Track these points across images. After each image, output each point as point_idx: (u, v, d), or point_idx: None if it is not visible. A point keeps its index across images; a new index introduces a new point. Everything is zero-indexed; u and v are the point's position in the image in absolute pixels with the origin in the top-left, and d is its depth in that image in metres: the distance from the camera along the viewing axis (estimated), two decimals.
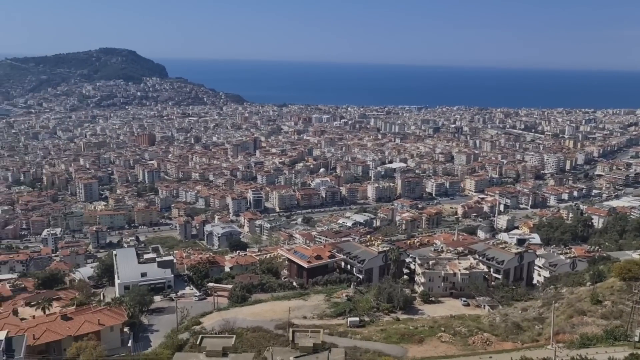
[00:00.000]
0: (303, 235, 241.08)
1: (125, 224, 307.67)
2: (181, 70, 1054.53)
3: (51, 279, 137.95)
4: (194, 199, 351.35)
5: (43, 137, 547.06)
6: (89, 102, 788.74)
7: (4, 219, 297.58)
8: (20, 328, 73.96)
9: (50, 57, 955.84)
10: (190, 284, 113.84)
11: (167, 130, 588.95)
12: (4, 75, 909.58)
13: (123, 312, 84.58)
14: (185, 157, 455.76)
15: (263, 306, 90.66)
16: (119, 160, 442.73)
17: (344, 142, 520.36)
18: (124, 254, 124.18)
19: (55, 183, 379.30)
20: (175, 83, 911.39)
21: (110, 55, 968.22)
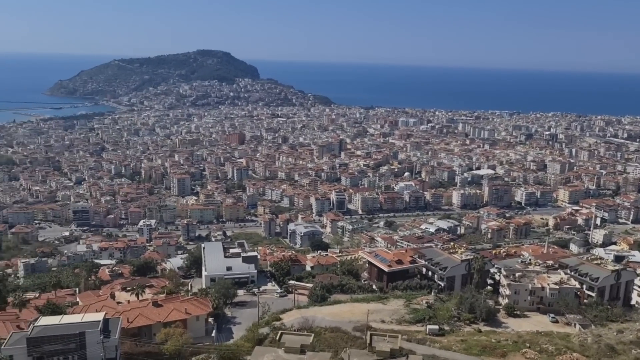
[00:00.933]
0: (384, 239, 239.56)
1: (214, 219, 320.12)
2: (272, 72, 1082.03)
3: (145, 267, 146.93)
4: (279, 197, 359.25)
5: (143, 133, 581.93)
6: (185, 101, 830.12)
7: (106, 209, 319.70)
8: (116, 311, 79.32)
9: (153, 58, 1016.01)
10: (272, 281, 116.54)
11: (256, 129, 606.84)
12: (112, 75, 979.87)
13: (208, 303, 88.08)
14: (273, 156, 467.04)
15: (342, 307, 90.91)
16: (210, 158, 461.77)
17: (430, 146, 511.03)
18: (212, 248, 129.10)
19: (152, 177, 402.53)
20: (266, 84, 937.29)
21: (207, 57, 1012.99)
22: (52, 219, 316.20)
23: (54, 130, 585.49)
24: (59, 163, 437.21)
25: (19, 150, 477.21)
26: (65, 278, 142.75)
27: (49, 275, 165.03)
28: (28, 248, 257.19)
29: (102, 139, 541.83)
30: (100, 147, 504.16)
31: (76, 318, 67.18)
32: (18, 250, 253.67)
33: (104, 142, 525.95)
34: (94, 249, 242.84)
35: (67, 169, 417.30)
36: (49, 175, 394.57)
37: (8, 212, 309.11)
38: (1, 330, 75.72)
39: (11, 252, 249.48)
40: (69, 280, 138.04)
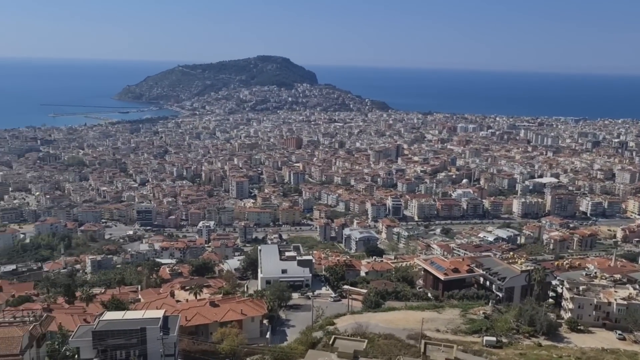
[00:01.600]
0: (441, 247, 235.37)
1: (270, 222, 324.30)
2: (330, 77, 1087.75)
3: (203, 268, 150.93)
4: (335, 202, 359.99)
5: (204, 137, 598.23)
6: (245, 106, 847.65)
7: (167, 210, 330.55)
8: (175, 309, 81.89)
9: (215, 64, 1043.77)
10: (326, 285, 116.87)
11: (313, 134, 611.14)
12: (176, 81, 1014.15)
13: (264, 304, 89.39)
14: (329, 161, 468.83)
15: (396, 314, 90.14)
16: (268, 161, 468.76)
17: (490, 153, 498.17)
18: (268, 250, 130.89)
19: (211, 179, 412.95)
20: (324, 89, 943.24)
21: (267, 63, 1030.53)
22: (117, 218, 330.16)
23: (121, 133, 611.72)
24: (125, 165, 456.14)
25: (89, 152, 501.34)
26: (128, 275, 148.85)
27: (113, 272, 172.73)
28: (95, 245, 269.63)
29: (166, 142, 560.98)
30: (163, 150, 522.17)
31: (138, 314, 69.93)
32: (86, 247, 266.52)
33: (167, 145, 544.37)
34: (156, 248, 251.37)
35: (133, 170, 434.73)
36: (115, 177, 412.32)
37: (78, 211, 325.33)
38: (69, 322, 79.71)
39: (80, 248, 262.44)
40: (132, 278, 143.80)
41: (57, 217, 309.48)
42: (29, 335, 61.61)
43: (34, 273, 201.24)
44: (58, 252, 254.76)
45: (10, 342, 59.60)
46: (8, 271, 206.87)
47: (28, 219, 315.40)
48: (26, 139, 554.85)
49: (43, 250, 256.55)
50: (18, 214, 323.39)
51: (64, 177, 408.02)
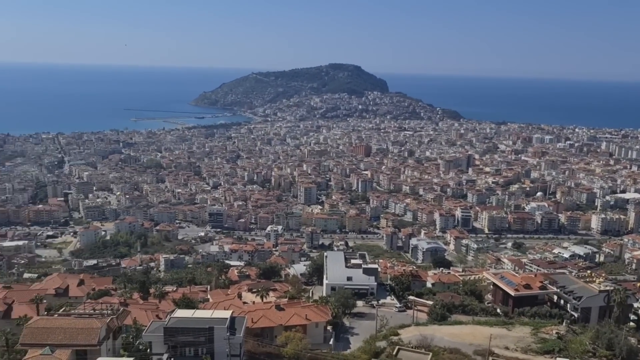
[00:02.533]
0: (512, 261, 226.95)
1: (337, 229, 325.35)
2: (401, 85, 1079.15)
3: (270, 271, 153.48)
4: (402, 211, 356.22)
5: (275, 143, 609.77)
6: (315, 113, 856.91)
7: (238, 213, 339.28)
8: (242, 310, 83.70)
9: (288, 71, 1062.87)
10: (391, 294, 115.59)
11: (382, 142, 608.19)
12: (249, 88, 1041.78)
13: (328, 311, 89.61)
14: (398, 169, 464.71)
15: (463, 328, 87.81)
16: (336, 168, 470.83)
17: (568, 165, 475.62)
18: (334, 257, 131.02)
19: (281, 185, 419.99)
20: (395, 97, 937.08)
21: (338, 71, 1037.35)
22: (190, 220, 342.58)
23: (197, 137, 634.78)
24: (199, 168, 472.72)
25: (166, 155, 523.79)
26: (199, 275, 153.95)
27: (185, 271, 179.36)
28: (169, 245, 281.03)
29: (238, 147, 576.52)
30: (236, 154, 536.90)
31: (207, 313, 72.13)
32: (160, 246, 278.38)
33: (239, 150, 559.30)
34: (225, 250, 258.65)
35: (206, 174, 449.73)
36: (190, 179, 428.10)
37: (154, 211, 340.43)
38: (143, 318, 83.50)
39: (155, 247, 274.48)
40: (202, 278, 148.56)
41: (135, 216, 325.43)
42: (107, 328, 65.08)
43: (113, 268, 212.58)
44: (135, 250, 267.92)
45: (89, 332, 63.23)
46: (90, 265, 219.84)
47: (109, 217, 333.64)
48: (110, 142, 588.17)
49: (121, 248, 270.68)
50: (100, 212, 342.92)
51: (143, 178, 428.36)
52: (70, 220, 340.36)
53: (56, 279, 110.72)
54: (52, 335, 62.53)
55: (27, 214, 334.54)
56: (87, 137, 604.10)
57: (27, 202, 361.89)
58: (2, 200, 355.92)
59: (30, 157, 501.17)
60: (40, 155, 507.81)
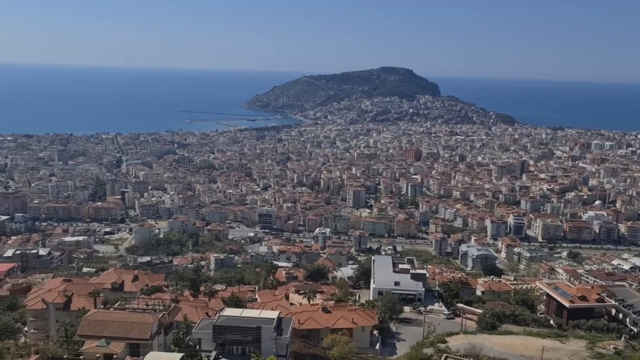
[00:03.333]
0: (567, 271, 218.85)
1: (385, 233, 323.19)
2: (453, 89, 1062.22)
3: (317, 273, 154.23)
4: (452, 216, 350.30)
5: (325, 146, 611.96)
6: (365, 117, 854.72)
7: (287, 214, 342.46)
8: (289, 311, 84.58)
9: (339, 75, 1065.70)
10: (439, 301, 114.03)
11: (433, 146, 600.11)
12: (301, 91, 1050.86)
13: (375, 315, 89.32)
14: (448, 174, 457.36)
15: (513, 339, 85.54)
16: (386, 172, 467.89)
17: (630, 173, 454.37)
18: (381, 261, 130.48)
19: (330, 187, 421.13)
20: (447, 101, 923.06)
21: (389, 74, 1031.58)
22: (240, 220, 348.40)
23: (248, 139, 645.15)
24: (250, 170, 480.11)
25: (219, 156, 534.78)
26: (247, 275, 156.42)
27: (234, 271, 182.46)
28: (219, 244, 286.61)
29: (288, 150, 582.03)
30: (286, 157, 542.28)
31: (254, 313, 73.41)
32: (211, 245, 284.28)
33: (289, 153, 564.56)
34: (274, 251, 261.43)
35: (257, 175, 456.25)
36: (241, 180, 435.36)
37: (206, 211, 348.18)
38: (193, 315, 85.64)
39: (206, 246, 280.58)
40: (251, 278, 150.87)
41: (188, 215, 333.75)
42: (159, 323, 67.21)
43: (165, 266, 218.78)
44: (187, 248, 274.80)
45: (142, 327, 65.47)
46: (144, 262, 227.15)
47: (163, 216, 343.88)
48: (165, 142, 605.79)
49: (174, 246, 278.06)
50: (155, 211, 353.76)
51: (196, 178, 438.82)
52: (126, 217, 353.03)
53: (112, 274, 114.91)
54: (108, 328, 65.12)
55: (87, 210, 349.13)
56: (144, 138, 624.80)
57: (87, 200, 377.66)
58: (65, 197, 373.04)
59: (91, 156, 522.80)
60: (100, 155, 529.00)
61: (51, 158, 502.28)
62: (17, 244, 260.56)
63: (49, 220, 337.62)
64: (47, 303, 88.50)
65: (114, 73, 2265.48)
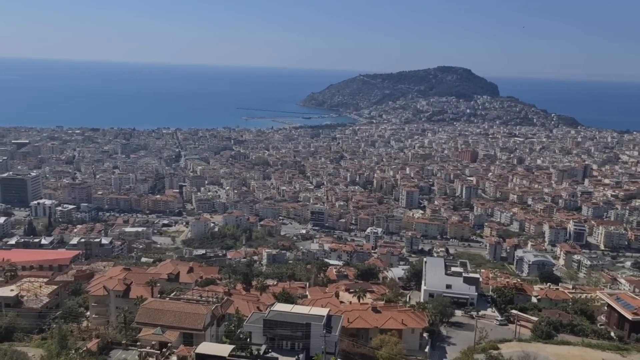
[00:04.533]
0: (631, 282, 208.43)
1: (438, 235, 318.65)
2: (513, 90, 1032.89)
3: (368, 273, 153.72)
4: (508, 220, 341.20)
5: (379, 145, 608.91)
6: (421, 117, 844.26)
7: (339, 213, 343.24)
8: (338, 309, 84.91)
9: (395, 74, 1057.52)
10: (492, 306, 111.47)
11: (490, 148, 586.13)
12: (356, 89, 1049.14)
13: (425, 317, 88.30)
14: (505, 177, 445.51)
15: (570, 349, 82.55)
16: (440, 173, 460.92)
17: None
18: (433, 263, 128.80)
19: (382, 187, 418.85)
20: (506, 102, 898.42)
21: (446, 74, 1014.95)
22: (293, 217, 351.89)
23: (303, 137, 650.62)
24: (304, 167, 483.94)
25: (273, 153, 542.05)
26: (298, 272, 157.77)
27: (285, 267, 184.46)
28: (272, 240, 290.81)
29: (342, 148, 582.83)
30: (339, 155, 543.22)
31: (304, 309, 74.04)
32: (264, 240, 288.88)
33: (343, 151, 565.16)
34: (325, 248, 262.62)
35: (310, 173, 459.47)
36: (294, 178, 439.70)
37: (260, 207, 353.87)
38: (245, 308, 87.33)
39: (258, 241, 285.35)
40: (302, 274, 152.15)
41: (242, 210, 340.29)
42: (212, 314, 69.11)
43: (219, 259, 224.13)
44: (240, 243, 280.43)
45: (196, 317, 67.51)
46: (199, 254, 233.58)
47: (218, 210, 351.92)
48: (222, 139, 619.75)
49: (228, 240, 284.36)
50: (210, 205, 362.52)
51: (250, 174, 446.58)
52: (183, 210, 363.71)
53: (169, 265, 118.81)
54: (164, 317, 67.54)
55: (146, 202, 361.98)
56: (202, 134, 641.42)
57: (147, 192, 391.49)
58: (127, 189, 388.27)
59: (152, 150, 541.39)
60: (160, 149, 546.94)
61: (115, 151, 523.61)
62: (82, 233, 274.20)
63: (111, 210, 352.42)
64: (108, 290, 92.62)
65: (175, 70, 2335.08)
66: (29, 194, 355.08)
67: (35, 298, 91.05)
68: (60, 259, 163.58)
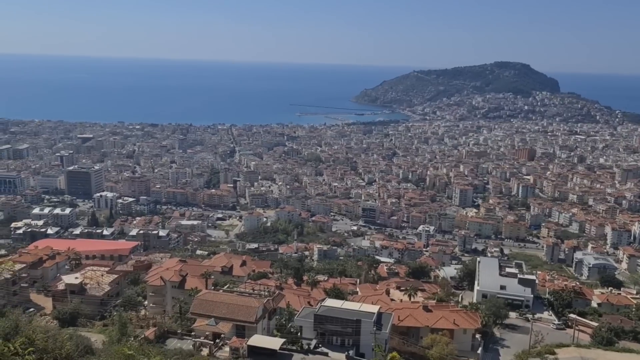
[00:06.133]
0: None
1: (492, 234, 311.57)
2: (575, 85, 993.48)
3: (419, 271, 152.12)
4: (567, 221, 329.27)
5: (432, 142, 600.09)
6: (476, 113, 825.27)
7: (390, 210, 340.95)
8: (389, 307, 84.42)
9: (449, 70, 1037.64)
10: (549, 310, 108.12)
11: (549, 146, 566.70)
12: (410, 86, 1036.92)
13: (478, 318, 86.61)
14: (565, 176, 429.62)
15: (633, 357, 78.91)
16: (495, 171, 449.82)
17: None
18: (487, 263, 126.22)
19: (435, 185, 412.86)
20: (566, 98, 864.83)
21: (504, 69, 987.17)
22: (344, 213, 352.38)
23: (355, 134, 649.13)
24: (356, 164, 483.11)
25: (326, 149, 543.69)
26: (349, 268, 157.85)
27: (336, 262, 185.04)
28: (323, 236, 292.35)
29: (395, 145, 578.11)
30: (392, 152, 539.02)
31: (355, 306, 74.24)
32: (315, 236, 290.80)
33: (395, 148, 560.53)
34: (376, 246, 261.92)
35: (362, 169, 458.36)
36: (346, 174, 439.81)
37: (311, 202, 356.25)
38: (296, 303, 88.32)
39: (310, 237, 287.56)
40: (352, 271, 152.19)
41: (294, 206, 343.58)
42: (263, 308, 70.29)
43: (271, 253, 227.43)
44: (292, 238, 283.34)
45: (248, 310, 68.84)
46: (251, 248, 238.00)
47: (271, 205, 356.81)
48: (275, 134, 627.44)
49: (280, 234, 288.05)
50: (263, 200, 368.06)
51: (303, 170, 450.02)
52: (237, 205, 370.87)
53: (222, 257, 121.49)
54: (217, 309, 69.25)
55: (202, 196, 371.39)
56: (256, 130, 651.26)
57: (202, 186, 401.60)
58: (183, 183, 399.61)
59: (208, 145, 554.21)
60: (215, 145, 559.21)
61: (172, 146, 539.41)
62: (141, 225, 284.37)
63: (168, 204, 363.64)
64: (165, 280, 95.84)
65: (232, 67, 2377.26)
66: (92, 186, 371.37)
67: (98, 286, 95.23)
68: (121, 249, 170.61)
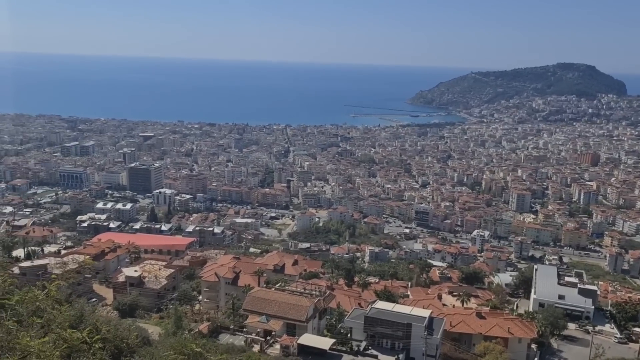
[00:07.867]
0: None
1: (550, 241, 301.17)
2: None
3: (473, 276, 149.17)
4: (633, 230, 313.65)
5: (489, 145, 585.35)
6: (536, 116, 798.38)
7: (444, 214, 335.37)
8: (440, 312, 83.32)
9: (509, 71, 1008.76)
10: (611, 322, 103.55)
11: (614, 151, 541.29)
12: (467, 87, 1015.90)
13: (534, 328, 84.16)
14: (632, 183, 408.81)
15: None
16: (555, 176, 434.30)
17: None
18: (545, 271, 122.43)
19: (491, 189, 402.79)
20: (635, 101, 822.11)
21: (567, 71, 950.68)
22: (396, 215, 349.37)
23: (409, 135, 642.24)
24: (410, 166, 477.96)
25: (379, 151, 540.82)
26: (400, 271, 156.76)
27: (388, 265, 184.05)
28: (375, 238, 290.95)
29: (450, 147, 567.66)
30: (447, 154, 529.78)
31: (406, 309, 73.49)
32: (367, 238, 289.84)
33: (451, 151, 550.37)
34: (429, 249, 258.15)
35: (416, 172, 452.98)
36: (399, 176, 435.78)
37: (364, 204, 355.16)
38: (346, 303, 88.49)
39: (361, 238, 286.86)
40: (404, 274, 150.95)
41: (346, 207, 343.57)
42: (314, 307, 70.80)
43: (323, 253, 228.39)
44: (343, 239, 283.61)
45: (299, 309, 69.55)
46: (303, 248, 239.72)
47: (323, 205, 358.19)
48: (329, 135, 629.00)
49: (332, 235, 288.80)
50: (316, 200, 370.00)
51: (356, 171, 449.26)
52: (290, 204, 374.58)
53: (275, 256, 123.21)
54: (269, 307, 70.33)
55: (256, 195, 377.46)
56: (310, 130, 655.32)
57: (257, 185, 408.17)
58: (238, 182, 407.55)
59: (263, 145, 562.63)
60: (270, 144, 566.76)
61: (229, 145, 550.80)
62: (197, 221, 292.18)
63: (223, 201, 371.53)
64: (219, 277, 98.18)
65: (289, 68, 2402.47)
66: (152, 183, 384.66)
67: (155, 279, 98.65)
68: (178, 244, 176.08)
